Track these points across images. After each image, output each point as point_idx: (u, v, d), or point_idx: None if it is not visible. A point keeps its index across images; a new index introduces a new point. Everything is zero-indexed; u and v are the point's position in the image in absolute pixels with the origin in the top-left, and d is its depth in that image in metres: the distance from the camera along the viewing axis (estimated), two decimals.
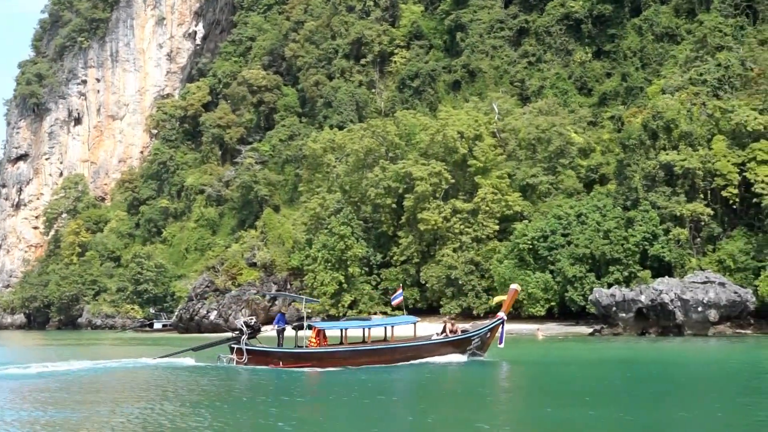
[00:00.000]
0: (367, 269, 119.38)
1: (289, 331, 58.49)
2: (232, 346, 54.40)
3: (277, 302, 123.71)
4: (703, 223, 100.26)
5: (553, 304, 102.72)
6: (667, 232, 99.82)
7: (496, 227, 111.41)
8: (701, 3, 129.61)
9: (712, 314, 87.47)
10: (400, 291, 65.20)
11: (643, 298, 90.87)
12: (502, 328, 57.13)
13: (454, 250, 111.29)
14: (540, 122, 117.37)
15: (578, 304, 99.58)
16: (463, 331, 58.24)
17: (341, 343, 54.99)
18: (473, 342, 56.83)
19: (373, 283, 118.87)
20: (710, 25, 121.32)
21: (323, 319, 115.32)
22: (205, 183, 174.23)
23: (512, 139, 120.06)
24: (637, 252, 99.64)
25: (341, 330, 55.30)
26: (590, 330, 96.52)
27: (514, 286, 63.45)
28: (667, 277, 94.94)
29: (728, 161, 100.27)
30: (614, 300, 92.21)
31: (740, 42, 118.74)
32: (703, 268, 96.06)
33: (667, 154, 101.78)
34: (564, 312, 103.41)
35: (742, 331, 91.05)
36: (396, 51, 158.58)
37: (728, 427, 31.06)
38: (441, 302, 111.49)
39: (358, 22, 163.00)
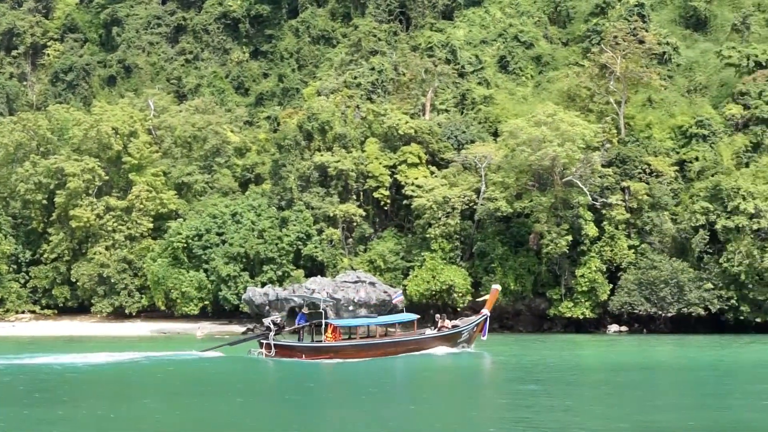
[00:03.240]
0: (15, 267, 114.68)
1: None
2: (261, 341, 63.63)
3: None
4: (355, 224, 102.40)
5: (206, 303, 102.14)
6: (320, 232, 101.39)
7: (151, 225, 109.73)
8: (356, 8, 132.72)
9: (362, 313, 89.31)
10: (400, 291, 77.63)
11: (295, 297, 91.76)
12: (486, 323, 67.23)
13: (107, 248, 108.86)
14: (196, 120, 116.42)
15: (232, 302, 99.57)
16: (453, 327, 67.16)
17: (350, 338, 65.11)
18: (463, 336, 66.35)
19: (22, 281, 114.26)
20: (365, 30, 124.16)
21: None
22: None
23: (168, 137, 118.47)
24: (290, 251, 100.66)
25: (349, 327, 66.51)
26: (243, 329, 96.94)
27: (495, 286, 73.54)
28: (319, 276, 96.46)
29: (380, 163, 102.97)
30: (267, 299, 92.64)
31: (393, 47, 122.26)
32: (354, 268, 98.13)
33: (321, 155, 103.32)
34: (217, 311, 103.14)
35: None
36: (49, 43, 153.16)
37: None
38: (93, 301, 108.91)
39: (9, 12, 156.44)
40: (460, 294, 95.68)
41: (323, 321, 64.87)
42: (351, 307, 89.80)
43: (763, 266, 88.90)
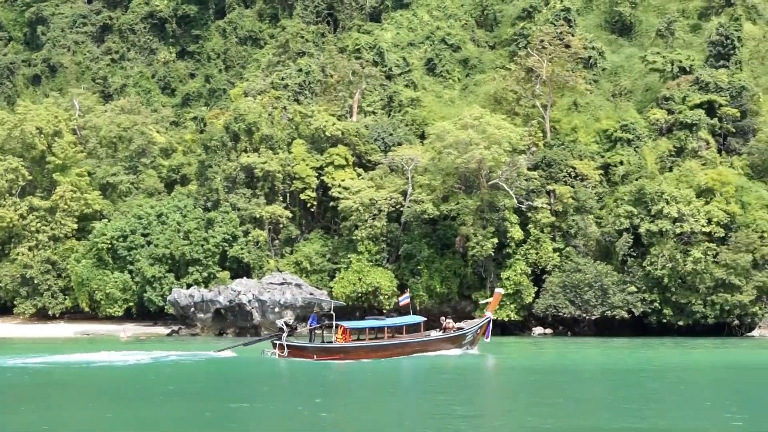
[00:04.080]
0: None
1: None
2: (275, 342, 65.90)
3: None
4: (282, 225, 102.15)
5: (131, 304, 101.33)
6: (246, 233, 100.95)
7: (75, 226, 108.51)
8: (284, 9, 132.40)
9: (288, 315, 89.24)
10: (407, 294, 76.96)
11: (221, 298, 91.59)
12: (489, 325, 69.24)
13: (30, 249, 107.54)
14: (122, 121, 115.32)
15: (157, 304, 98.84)
16: (458, 329, 69.54)
17: (358, 339, 66.66)
18: (467, 338, 68.60)
19: None
20: (292, 31, 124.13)
21: None
22: None
23: (93, 137, 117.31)
24: (217, 253, 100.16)
25: (358, 329, 67.36)
26: (168, 330, 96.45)
27: (498, 289, 75.81)
28: (245, 278, 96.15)
29: (307, 165, 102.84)
30: (193, 300, 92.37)
31: (321, 49, 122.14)
32: (281, 270, 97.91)
33: (248, 156, 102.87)
34: (142, 312, 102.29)
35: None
36: None
37: None
38: (15, 302, 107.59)
39: None
40: (386, 296, 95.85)
41: (334, 323, 66.75)
42: (276, 309, 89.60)
43: (686, 270, 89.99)
